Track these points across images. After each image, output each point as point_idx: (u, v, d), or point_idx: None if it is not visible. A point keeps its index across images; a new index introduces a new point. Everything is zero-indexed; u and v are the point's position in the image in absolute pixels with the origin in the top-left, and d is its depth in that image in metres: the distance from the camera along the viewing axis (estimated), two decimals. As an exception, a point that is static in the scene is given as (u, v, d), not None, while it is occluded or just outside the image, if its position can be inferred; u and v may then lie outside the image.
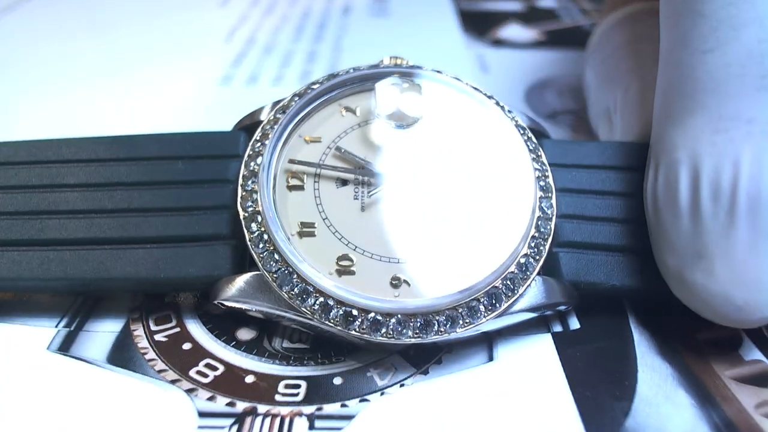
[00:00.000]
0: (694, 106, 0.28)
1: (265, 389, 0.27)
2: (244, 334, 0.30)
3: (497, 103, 0.33)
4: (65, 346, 0.29)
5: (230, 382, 0.27)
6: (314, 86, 0.33)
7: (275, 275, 0.27)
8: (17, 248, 0.30)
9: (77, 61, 0.57)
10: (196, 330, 0.30)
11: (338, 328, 0.27)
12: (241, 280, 0.28)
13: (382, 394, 0.27)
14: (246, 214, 0.29)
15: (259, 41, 0.62)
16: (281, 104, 0.33)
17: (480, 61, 0.57)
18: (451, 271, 0.28)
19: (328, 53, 0.59)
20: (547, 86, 0.52)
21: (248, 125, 0.34)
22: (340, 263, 0.28)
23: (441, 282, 0.28)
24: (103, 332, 0.30)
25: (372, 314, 0.27)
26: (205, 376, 0.27)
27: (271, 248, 0.28)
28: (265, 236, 0.28)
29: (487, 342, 0.29)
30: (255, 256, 0.28)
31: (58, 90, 0.51)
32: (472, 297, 0.27)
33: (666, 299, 0.28)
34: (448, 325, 0.27)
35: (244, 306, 0.28)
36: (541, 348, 0.29)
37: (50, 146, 0.33)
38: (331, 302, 0.27)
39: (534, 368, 0.28)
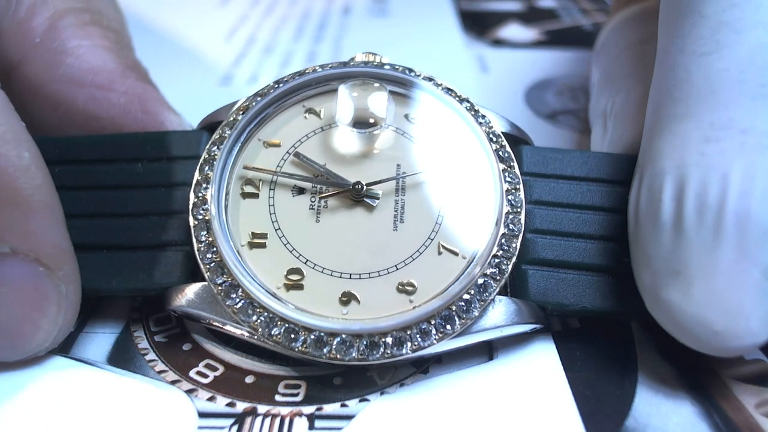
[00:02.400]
0: (686, 112, 0.26)
1: (265, 389, 0.27)
2: (244, 334, 0.30)
3: (470, 108, 0.31)
4: (65, 347, 0.29)
5: (230, 382, 0.27)
6: (278, 85, 0.32)
7: (220, 287, 0.27)
8: None
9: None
10: (196, 331, 0.30)
11: (280, 346, 0.26)
12: (190, 291, 0.28)
13: (381, 393, 0.27)
14: (196, 222, 0.28)
15: (259, 41, 0.62)
16: (241, 104, 0.32)
17: (480, 61, 0.57)
18: (403, 290, 0.27)
19: (328, 53, 0.59)
20: (547, 86, 0.52)
21: (211, 124, 0.32)
22: (290, 277, 0.27)
23: (392, 301, 0.27)
24: (104, 333, 0.30)
25: (316, 333, 0.26)
26: (205, 376, 0.27)
27: (218, 259, 0.27)
28: (213, 247, 0.27)
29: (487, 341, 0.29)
30: (202, 267, 0.27)
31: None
32: (423, 318, 0.26)
33: (643, 322, 0.28)
34: (395, 348, 0.26)
35: (193, 315, 0.27)
36: (541, 347, 0.29)
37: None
38: (274, 318, 0.26)
39: (534, 367, 0.28)
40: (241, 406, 0.26)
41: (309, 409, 0.26)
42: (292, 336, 0.26)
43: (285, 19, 0.68)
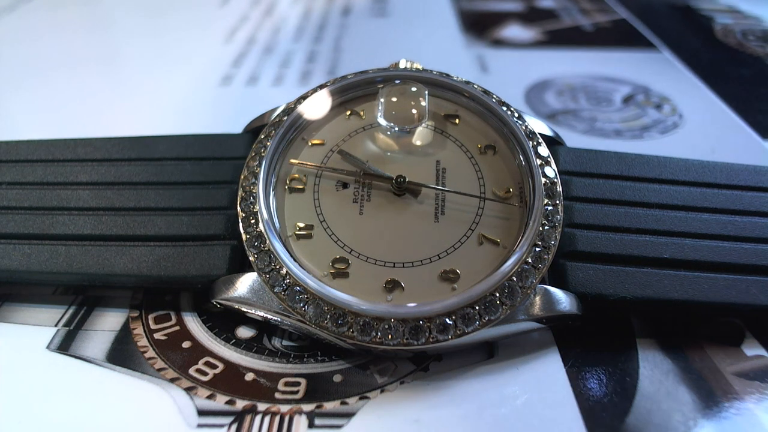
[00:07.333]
0: None
1: (264, 387, 0.27)
2: (244, 332, 0.30)
3: (507, 108, 0.33)
4: (65, 345, 0.29)
5: (230, 380, 0.27)
6: (321, 89, 0.33)
7: (268, 276, 0.27)
8: (29, 242, 0.30)
9: (77, 61, 0.57)
10: (196, 328, 0.30)
11: (327, 330, 0.26)
12: (236, 280, 0.28)
13: (382, 391, 0.27)
14: (244, 215, 0.29)
15: (259, 41, 0.62)
16: (285, 107, 0.33)
17: (480, 61, 0.57)
18: (446, 278, 0.28)
19: (328, 53, 0.59)
20: (546, 86, 0.52)
21: (257, 127, 0.34)
22: (335, 266, 0.28)
23: (435, 288, 0.27)
24: (103, 331, 0.29)
25: (362, 318, 0.26)
26: (205, 374, 0.27)
27: (266, 249, 0.28)
28: (261, 237, 0.28)
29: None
30: (250, 256, 0.28)
31: (58, 89, 0.51)
32: (467, 304, 0.26)
33: (677, 313, 0.28)
34: (439, 332, 0.26)
35: (237, 306, 0.28)
36: (542, 344, 0.29)
37: (66, 145, 0.34)
38: (321, 304, 0.26)
39: (534, 365, 0.28)
40: (240, 404, 0.26)
41: (309, 407, 0.26)
42: (339, 321, 0.26)
43: (285, 19, 0.68)
